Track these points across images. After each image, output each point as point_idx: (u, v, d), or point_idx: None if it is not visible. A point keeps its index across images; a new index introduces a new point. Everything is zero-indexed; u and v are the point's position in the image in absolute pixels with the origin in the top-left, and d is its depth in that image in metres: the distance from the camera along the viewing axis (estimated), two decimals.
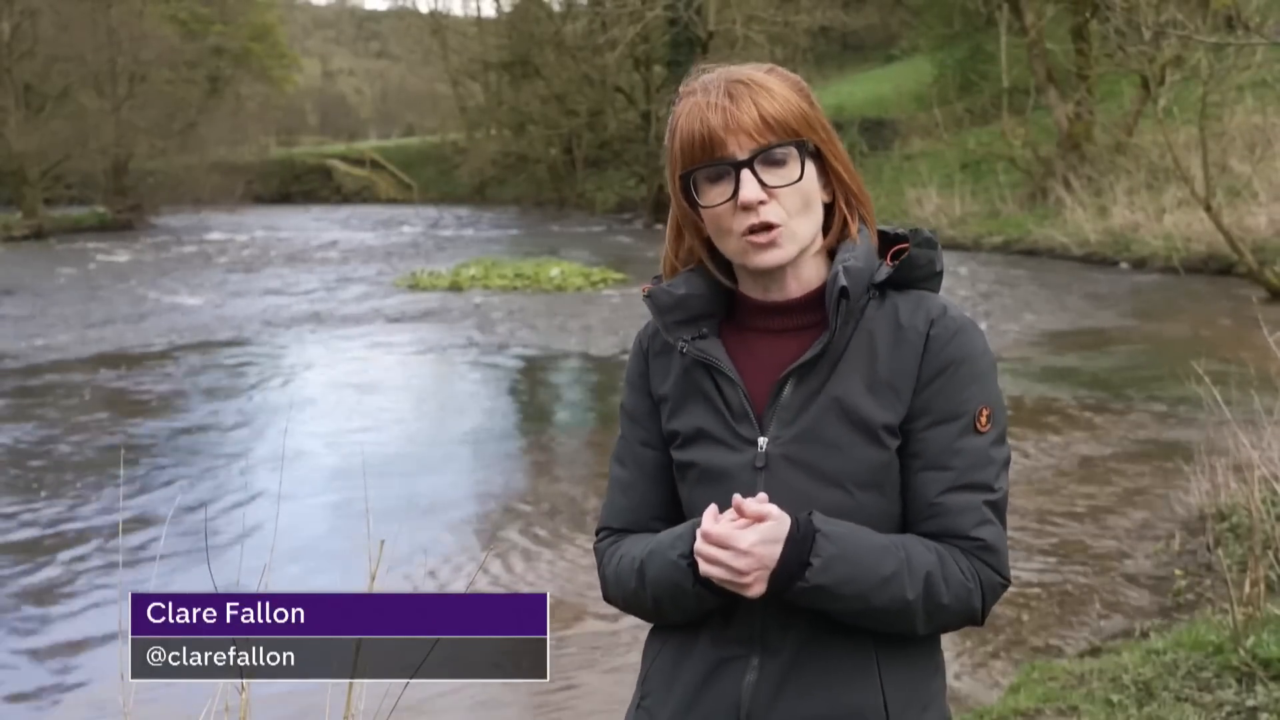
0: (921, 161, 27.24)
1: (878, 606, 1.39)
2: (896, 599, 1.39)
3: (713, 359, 1.49)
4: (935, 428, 1.44)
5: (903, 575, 1.39)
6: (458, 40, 47.66)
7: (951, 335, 1.45)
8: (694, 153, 1.45)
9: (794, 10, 32.40)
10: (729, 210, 1.44)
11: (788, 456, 1.45)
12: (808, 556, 1.36)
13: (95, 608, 5.61)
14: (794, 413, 1.45)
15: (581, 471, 7.96)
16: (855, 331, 1.46)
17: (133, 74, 36.35)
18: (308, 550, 6.28)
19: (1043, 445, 7.92)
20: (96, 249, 26.71)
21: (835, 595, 1.38)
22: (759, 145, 1.42)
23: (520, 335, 13.56)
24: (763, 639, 1.45)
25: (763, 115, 1.42)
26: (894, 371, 1.45)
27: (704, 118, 1.43)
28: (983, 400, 1.45)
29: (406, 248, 26.57)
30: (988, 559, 1.44)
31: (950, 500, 1.43)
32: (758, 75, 1.46)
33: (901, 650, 1.46)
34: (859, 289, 1.45)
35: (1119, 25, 15.03)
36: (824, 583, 1.36)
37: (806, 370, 1.46)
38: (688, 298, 1.51)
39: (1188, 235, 17.42)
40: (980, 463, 1.44)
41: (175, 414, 9.66)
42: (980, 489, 1.44)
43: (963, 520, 1.43)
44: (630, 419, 1.61)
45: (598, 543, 1.63)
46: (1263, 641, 3.84)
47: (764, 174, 1.43)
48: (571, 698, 4.63)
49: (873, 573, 1.38)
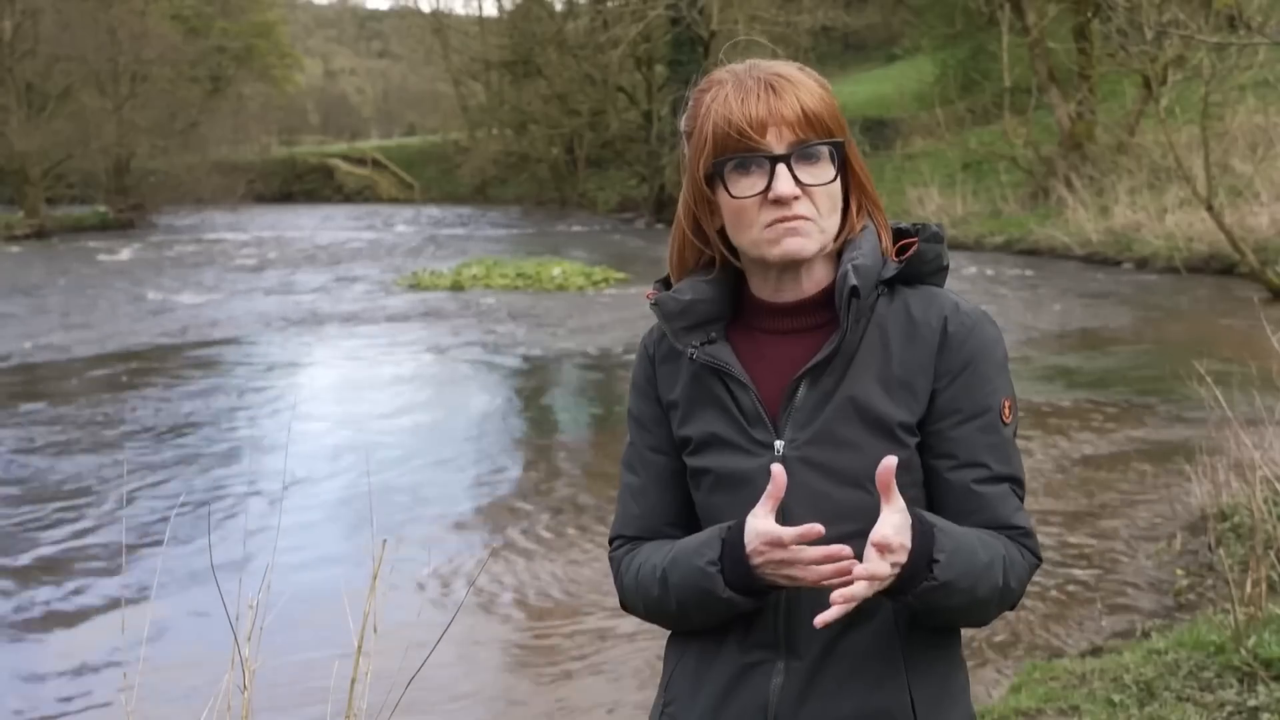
0: (923, 161, 27.23)
1: (981, 597, 1.39)
2: (994, 587, 1.39)
3: (723, 364, 1.47)
4: (964, 425, 1.44)
5: (996, 562, 1.40)
6: (459, 39, 47.70)
7: (969, 331, 1.45)
8: (729, 141, 1.41)
9: (796, 10, 32.40)
10: (757, 204, 1.41)
11: (805, 459, 1.43)
12: (932, 552, 1.33)
13: (97, 607, 5.61)
14: (809, 414, 1.44)
15: (583, 471, 7.97)
16: (867, 329, 1.45)
17: (134, 73, 36.40)
18: (310, 550, 6.28)
19: (1044, 445, 7.92)
20: (98, 248, 26.72)
21: (954, 590, 1.35)
22: (799, 139, 1.40)
23: (521, 335, 13.56)
24: (788, 642, 1.44)
25: (805, 110, 1.40)
26: (909, 368, 1.44)
27: (745, 106, 1.40)
28: (1005, 392, 1.46)
29: (408, 247, 26.58)
30: (1027, 543, 1.46)
31: (988, 493, 1.44)
32: (794, 71, 1.44)
33: (928, 648, 1.45)
34: (869, 286, 1.43)
35: (1121, 25, 15.00)
36: (949, 579, 1.34)
37: (820, 371, 1.44)
38: (695, 303, 1.49)
39: (1189, 235, 17.40)
40: (1009, 454, 1.46)
41: (176, 413, 9.67)
42: (1010, 479, 1.46)
43: (1003, 510, 1.44)
44: (639, 425, 1.59)
45: (613, 552, 1.61)
46: (1264, 641, 3.84)
47: (799, 170, 1.40)
48: (572, 697, 4.63)
49: (978, 562, 1.37)
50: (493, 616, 5.42)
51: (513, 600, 5.58)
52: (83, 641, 5.24)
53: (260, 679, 2.56)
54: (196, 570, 5.68)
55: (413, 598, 5.49)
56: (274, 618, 2.65)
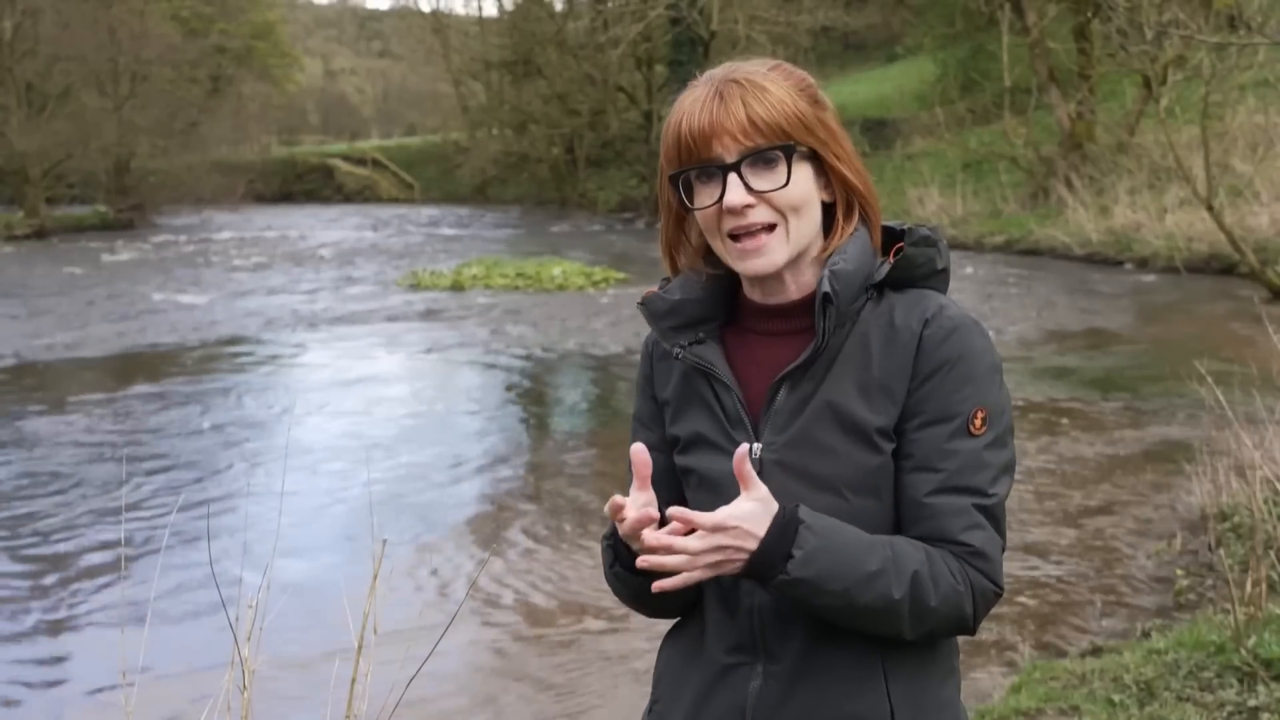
0: (923, 161, 27.24)
1: (861, 605, 1.34)
2: (882, 597, 1.34)
3: (707, 364, 1.48)
4: (926, 428, 1.40)
5: (889, 572, 1.34)
6: (459, 39, 47.70)
7: (946, 335, 1.41)
8: (681, 153, 1.42)
9: (796, 10, 32.44)
10: (716, 213, 1.42)
11: (781, 462, 1.42)
12: (790, 548, 1.31)
13: (97, 607, 5.61)
14: (787, 418, 1.43)
15: (583, 471, 7.97)
16: (850, 334, 1.44)
17: (134, 73, 36.38)
18: (310, 549, 6.28)
19: (1044, 445, 7.92)
20: (98, 248, 26.72)
21: (818, 589, 1.33)
22: (745, 148, 1.39)
23: (521, 335, 13.56)
24: (765, 645, 1.44)
25: (750, 117, 1.38)
26: (887, 373, 1.41)
27: (691, 118, 1.41)
28: (978, 401, 1.40)
29: (408, 247, 26.58)
30: (978, 565, 1.38)
31: (938, 502, 1.39)
32: (756, 75, 1.42)
33: (909, 657, 1.43)
34: (850, 292, 1.42)
35: (1121, 25, 15.00)
36: (805, 576, 1.31)
37: (799, 375, 1.43)
38: (683, 303, 1.50)
39: (1189, 235, 17.42)
40: (973, 465, 1.39)
41: (177, 412, 9.67)
42: (971, 492, 1.39)
43: (951, 524, 1.38)
44: (639, 422, 1.62)
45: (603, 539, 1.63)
46: (1264, 641, 3.85)
47: (752, 177, 1.39)
48: (572, 697, 4.63)
49: (857, 568, 1.33)
50: (493, 617, 5.42)
51: (513, 600, 5.58)
52: (82, 641, 5.24)
53: (260, 679, 2.56)
54: (196, 570, 5.69)
55: (413, 598, 5.50)
56: (274, 618, 2.65)
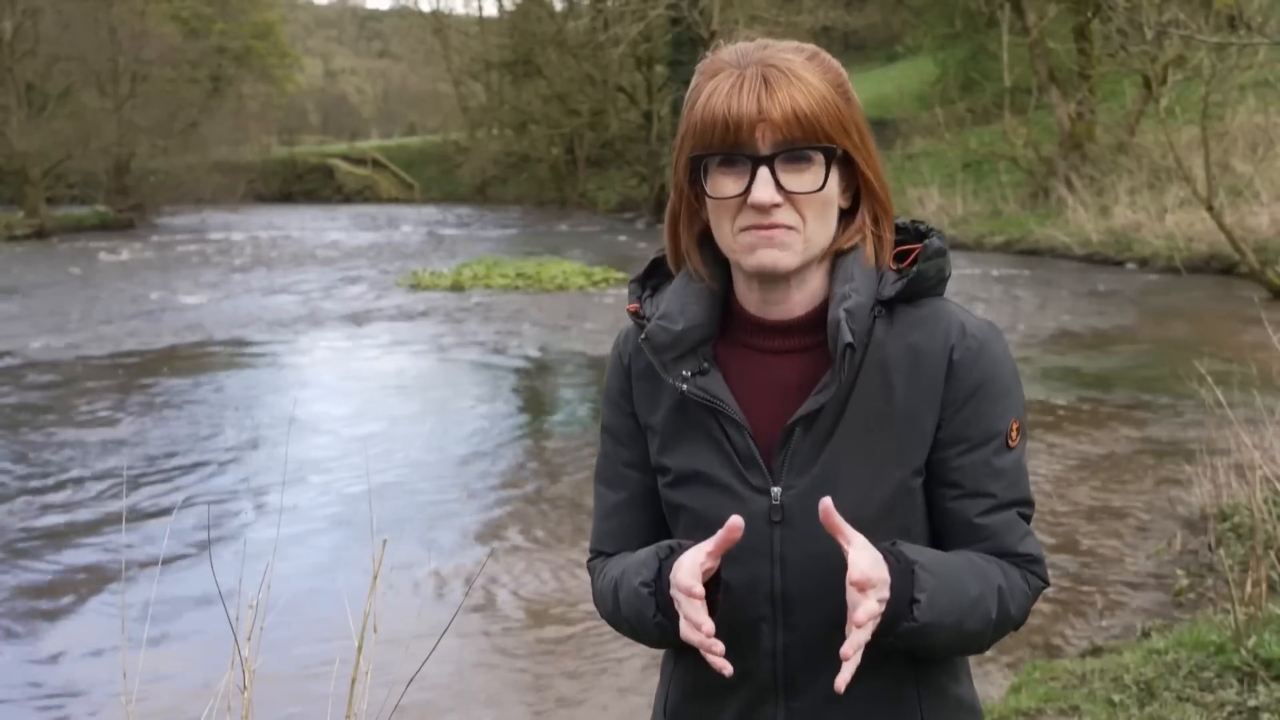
0: (923, 161, 27.26)
1: (967, 631, 1.30)
2: (983, 619, 1.30)
3: (719, 403, 1.35)
4: (970, 453, 1.34)
5: (987, 595, 1.31)
6: (459, 39, 47.77)
7: (975, 356, 1.33)
8: (712, 135, 1.28)
9: (796, 10, 32.39)
10: (736, 205, 1.29)
11: (805, 506, 1.32)
12: (913, 592, 1.24)
13: (97, 610, 5.61)
14: (805, 460, 1.33)
15: (582, 472, 7.96)
16: (865, 360, 1.33)
17: (134, 73, 36.43)
18: (310, 550, 6.28)
19: (1044, 445, 7.92)
20: (98, 248, 26.72)
21: (939, 628, 1.26)
22: (782, 141, 1.26)
23: (522, 335, 13.56)
24: (790, 684, 1.36)
25: (795, 110, 1.25)
26: (912, 404, 1.33)
27: (732, 99, 1.26)
28: (1014, 413, 1.37)
29: (408, 247, 26.58)
30: (1036, 569, 1.39)
31: (992, 522, 1.36)
32: (797, 63, 1.28)
33: (942, 691, 1.40)
34: (863, 325, 1.32)
35: (1121, 25, 15.03)
36: (931, 620, 1.25)
37: (814, 415, 1.33)
38: (687, 332, 1.36)
39: (1190, 235, 17.43)
40: (1015, 478, 1.37)
41: (177, 413, 9.66)
42: (1019, 504, 1.38)
43: (1009, 538, 1.37)
44: (613, 439, 1.48)
45: (589, 561, 1.55)
46: (1264, 641, 3.84)
47: (783, 174, 1.27)
48: (571, 697, 4.63)
49: (965, 597, 1.28)
50: (492, 617, 5.42)
51: (512, 601, 5.57)
52: (82, 641, 5.24)
53: (260, 679, 2.56)
54: (197, 570, 5.69)
55: (412, 598, 5.50)
56: (274, 618, 2.65)
